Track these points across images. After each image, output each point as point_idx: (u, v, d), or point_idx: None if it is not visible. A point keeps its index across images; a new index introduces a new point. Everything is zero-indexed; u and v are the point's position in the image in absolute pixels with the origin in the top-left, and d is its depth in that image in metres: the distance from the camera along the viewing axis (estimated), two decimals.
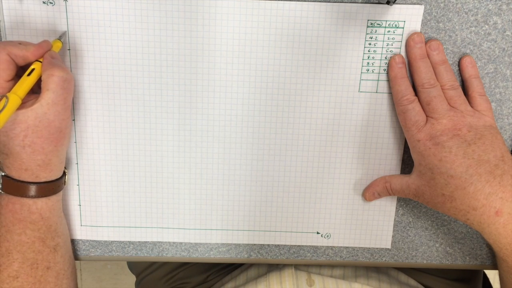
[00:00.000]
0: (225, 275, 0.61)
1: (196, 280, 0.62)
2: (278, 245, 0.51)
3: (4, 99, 0.38)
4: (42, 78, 0.40)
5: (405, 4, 0.44)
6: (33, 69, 0.40)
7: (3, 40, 0.45)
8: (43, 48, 0.41)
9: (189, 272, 0.62)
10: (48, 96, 0.40)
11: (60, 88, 0.40)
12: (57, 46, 0.43)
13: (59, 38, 0.43)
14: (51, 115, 0.41)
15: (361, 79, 0.46)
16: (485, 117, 0.44)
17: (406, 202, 0.50)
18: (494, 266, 0.52)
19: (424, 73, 0.44)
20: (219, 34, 0.44)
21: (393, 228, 0.51)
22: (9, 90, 0.40)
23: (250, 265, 0.58)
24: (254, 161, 0.48)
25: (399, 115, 0.45)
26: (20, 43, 0.41)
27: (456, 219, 0.44)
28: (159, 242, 0.51)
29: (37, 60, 0.41)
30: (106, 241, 0.51)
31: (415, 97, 0.44)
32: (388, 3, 0.41)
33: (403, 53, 0.45)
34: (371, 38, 0.45)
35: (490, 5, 0.44)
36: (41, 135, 0.41)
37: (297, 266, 0.54)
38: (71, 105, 0.45)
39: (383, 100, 0.46)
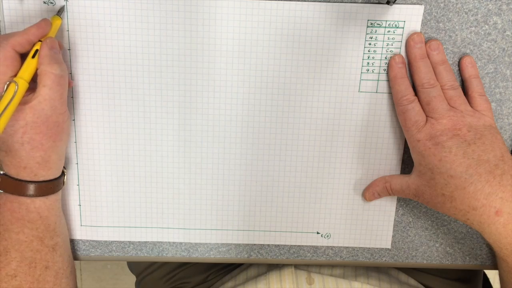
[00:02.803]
0: (225, 274, 0.61)
1: (196, 280, 0.62)
2: (278, 245, 0.51)
3: (13, 85, 0.39)
4: (38, 73, 0.41)
5: (405, 4, 0.44)
6: (36, 50, 0.40)
7: None
8: (43, 28, 0.41)
9: (189, 272, 0.62)
10: (45, 92, 0.40)
11: (56, 85, 0.41)
12: (56, 24, 0.42)
13: (58, 14, 0.43)
14: (48, 110, 0.41)
15: (361, 79, 0.46)
16: (485, 117, 0.44)
17: (406, 202, 0.50)
18: (494, 266, 0.52)
19: (424, 73, 0.44)
20: (219, 34, 0.44)
21: (393, 228, 0.51)
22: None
23: (250, 265, 0.58)
24: (254, 161, 0.48)
25: (399, 115, 0.45)
26: (18, 31, 0.41)
27: (456, 219, 0.44)
28: (159, 242, 0.51)
29: (39, 40, 0.41)
30: (106, 241, 0.51)
31: (415, 97, 0.44)
32: (388, 3, 0.41)
33: (403, 53, 0.45)
34: (371, 38, 0.45)
35: (490, 5, 0.44)
36: (40, 131, 0.41)
37: (297, 266, 0.54)
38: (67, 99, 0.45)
39: (383, 100, 0.47)
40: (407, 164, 0.49)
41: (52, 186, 0.44)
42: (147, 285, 0.66)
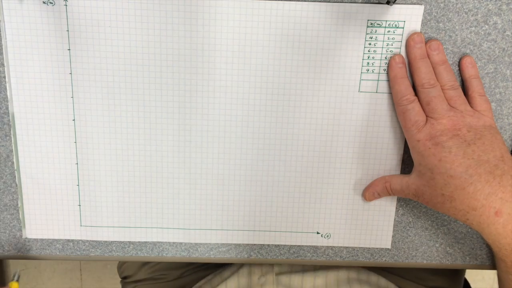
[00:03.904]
0: (201, 272, 0.62)
1: (173, 274, 0.63)
2: (278, 245, 0.51)
3: None
4: None
5: (405, 4, 0.44)
6: None
7: (3, 40, 0.45)
8: None
9: (168, 265, 0.64)
10: None
11: None
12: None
13: (15, 279, 0.45)
14: None
15: (361, 79, 0.46)
16: (485, 117, 0.44)
17: (406, 202, 0.50)
18: (494, 266, 0.52)
19: (424, 73, 0.44)
20: (219, 34, 0.44)
21: (393, 228, 0.51)
22: None
23: (227, 268, 0.59)
24: (254, 161, 0.48)
25: (399, 115, 0.45)
26: None
27: (456, 219, 0.44)
28: (159, 242, 0.51)
29: None
30: (106, 241, 0.51)
31: (415, 97, 0.44)
32: (388, 3, 0.41)
33: (403, 53, 0.45)
34: (371, 38, 0.45)
35: (490, 5, 0.44)
36: None
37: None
38: None
39: (383, 100, 0.47)
40: (407, 164, 0.49)
41: None
42: (128, 270, 0.67)
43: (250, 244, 0.51)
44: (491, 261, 0.52)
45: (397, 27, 0.44)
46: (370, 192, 0.48)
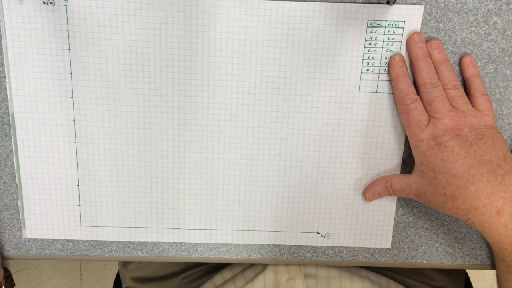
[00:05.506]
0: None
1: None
2: (278, 245, 0.51)
3: None
4: None
5: (405, 4, 0.44)
6: None
7: (3, 40, 0.45)
8: None
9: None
10: None
11: None
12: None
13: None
14: None
15: (361, 79, 0.46)
16: (486, 117, 0.44)
17: (406, 202, 0.50)
18: (494, 266, 0.52)
19: (426, 72, 0.44)
20: (219, 34, 0.44)
21: (393, 228, 0.51)
22: None
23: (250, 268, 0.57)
24: (254, 161, 0.48)
25: (401, 115, 0.45)
26: None
27: (457, 219, 0.44)
28: (159, 242, 0.51)
29: None
30: (106, 241, 0.51)
31: (417, 96, 0.44)
32: (388, 3, 0.41)
33: (403, 53, 0.45)
34: (371, 38, 0.45)
35: (490, 5, 0.44)
36: None
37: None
38: None
39: (383, 100, 0.47)
40: (407, 164, 0.49)
41: None
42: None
43: (250, 244, 0.51)
44: (491, 261, 0.52)
45: (397, 27, 0.44)
46: (371, 192, 0.48)
